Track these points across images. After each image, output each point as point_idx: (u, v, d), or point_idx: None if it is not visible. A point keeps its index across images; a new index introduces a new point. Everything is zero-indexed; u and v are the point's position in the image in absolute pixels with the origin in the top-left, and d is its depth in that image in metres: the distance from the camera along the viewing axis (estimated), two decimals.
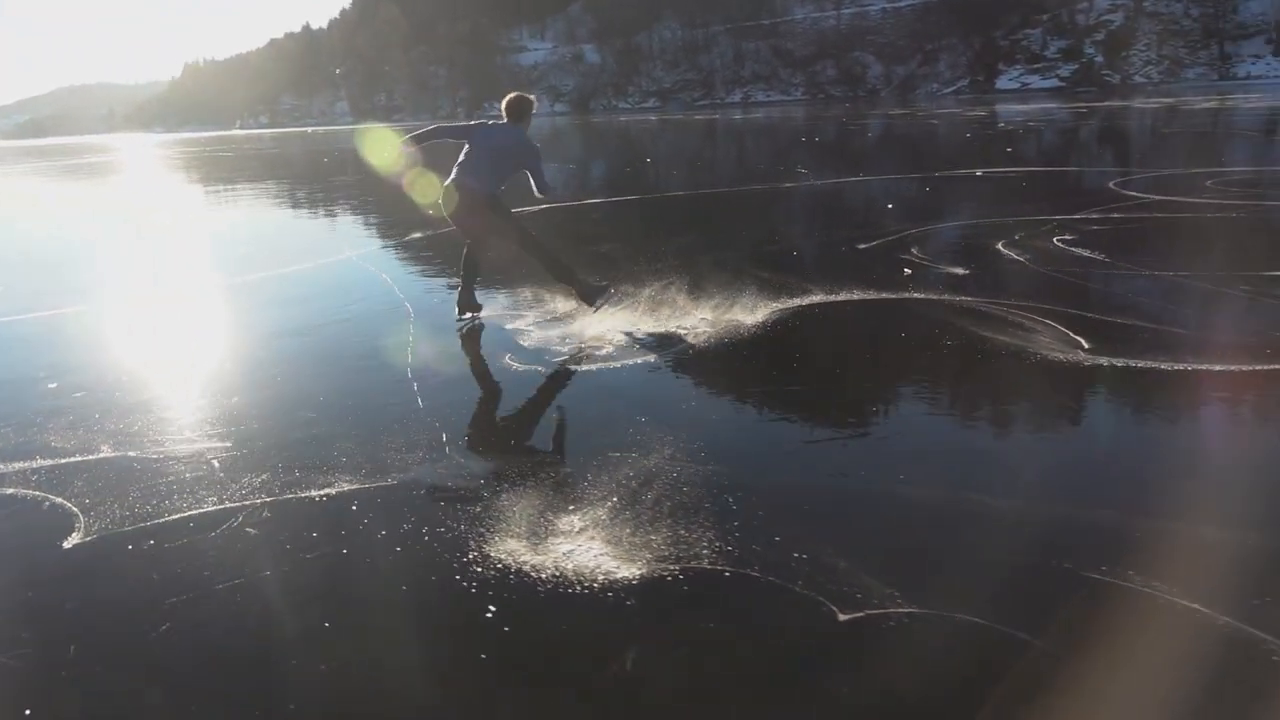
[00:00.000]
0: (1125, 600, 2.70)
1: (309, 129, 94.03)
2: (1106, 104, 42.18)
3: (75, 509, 3.70)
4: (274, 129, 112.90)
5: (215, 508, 3.65)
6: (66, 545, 3.40)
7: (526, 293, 7.16)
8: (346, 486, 3.78)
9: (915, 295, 6.58)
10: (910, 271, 7.39)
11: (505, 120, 6.41)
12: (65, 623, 2.91)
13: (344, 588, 3.05)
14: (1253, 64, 76.09)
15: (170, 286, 8.93)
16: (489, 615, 2.78)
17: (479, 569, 3.04)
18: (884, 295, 6.64)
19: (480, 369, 5.54)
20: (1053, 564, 2.92)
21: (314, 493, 3.74)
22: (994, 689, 2.34)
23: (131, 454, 4.28)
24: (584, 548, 3.13)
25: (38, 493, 3.88)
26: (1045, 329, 5.51)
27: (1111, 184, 12.41)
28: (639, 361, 5.35)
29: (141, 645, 2.76)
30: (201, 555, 3.30)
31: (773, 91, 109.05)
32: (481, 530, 3.31)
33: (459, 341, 6.17)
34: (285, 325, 6.89)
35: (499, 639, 2.68)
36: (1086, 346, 5.13)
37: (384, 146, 6.50)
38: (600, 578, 2.93)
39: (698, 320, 6.18)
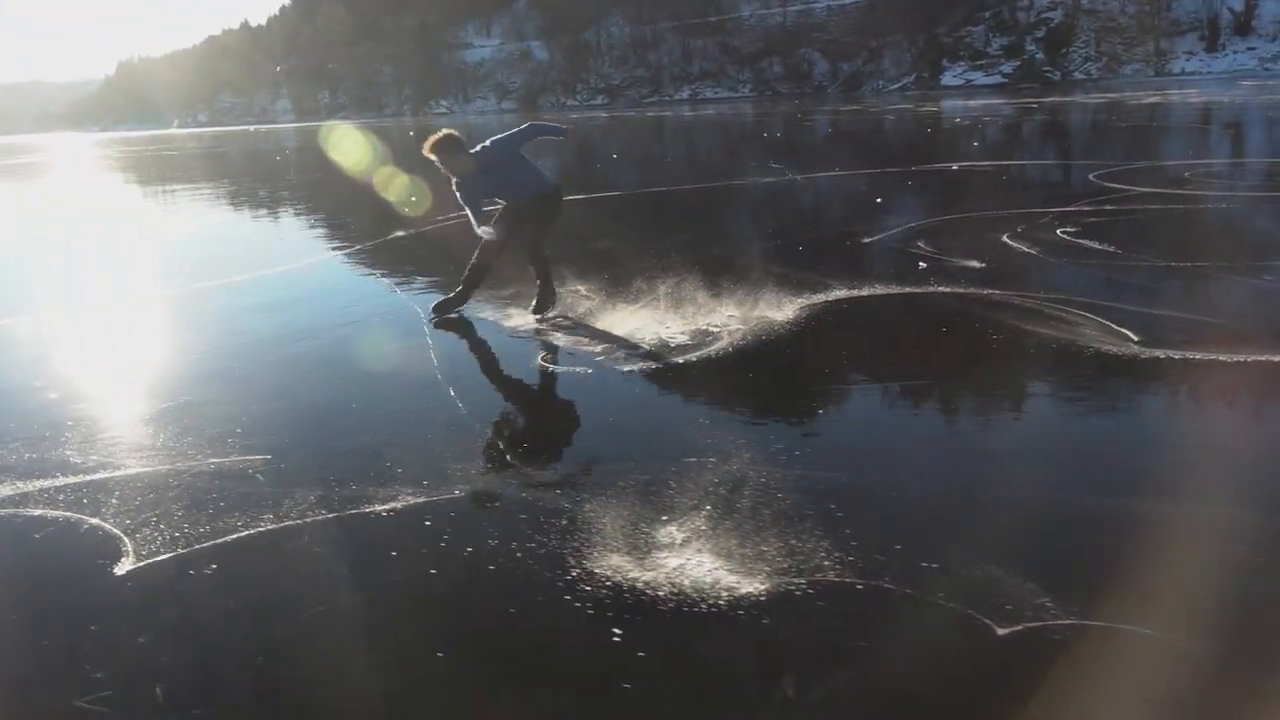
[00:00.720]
0: None
1: (251, 128, 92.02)
2: (1055, 100, 42.90)
3: (117, 530, 3.41)
4: (213, 128, 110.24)
5: (274, 526, 3.38)
6: (119, 571, 3.12)
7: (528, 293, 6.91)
8: (411, 499, 3.54)
9: (941, 289, 6.47)
10: (925, 265, 7.30)
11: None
12: (142, 659, 2.64)
13: (446, 613, 2.82)
14: (1187, 60, 78.06)
15: (155, 289, 8.50)
16: (616, 639, 2.58)
17: (588, 588, 2.83)
18: (909, 289, 6.53)
19: (516, 371, 5.30)
20: (1220, 568, 2.80)
21: (378, 507, 3.49)
22: (1187, 711, 2.21)
23: (162, 468, 3.99)
24: (695, 561, 2.94)
25: (70, 514, 3.58)
26: (1086, 322, 5.43)
27: (1091, 177, 12.48)
28: (681, 361, 5.15)
29: (239, 682, 2.51)
30: (273, 579, 3.05)
31: (721, 88, 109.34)
32: (577, 545, 3.09)
33: (482, 342, 5.92)
34: (287, 329, 6.58)
35: (637, 666, 2.47)
36: (1136, 339, 5.05)
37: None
38: (724, 594, 2.74)
39: (726, 318, 6.00)
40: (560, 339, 5.77)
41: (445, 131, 6.11)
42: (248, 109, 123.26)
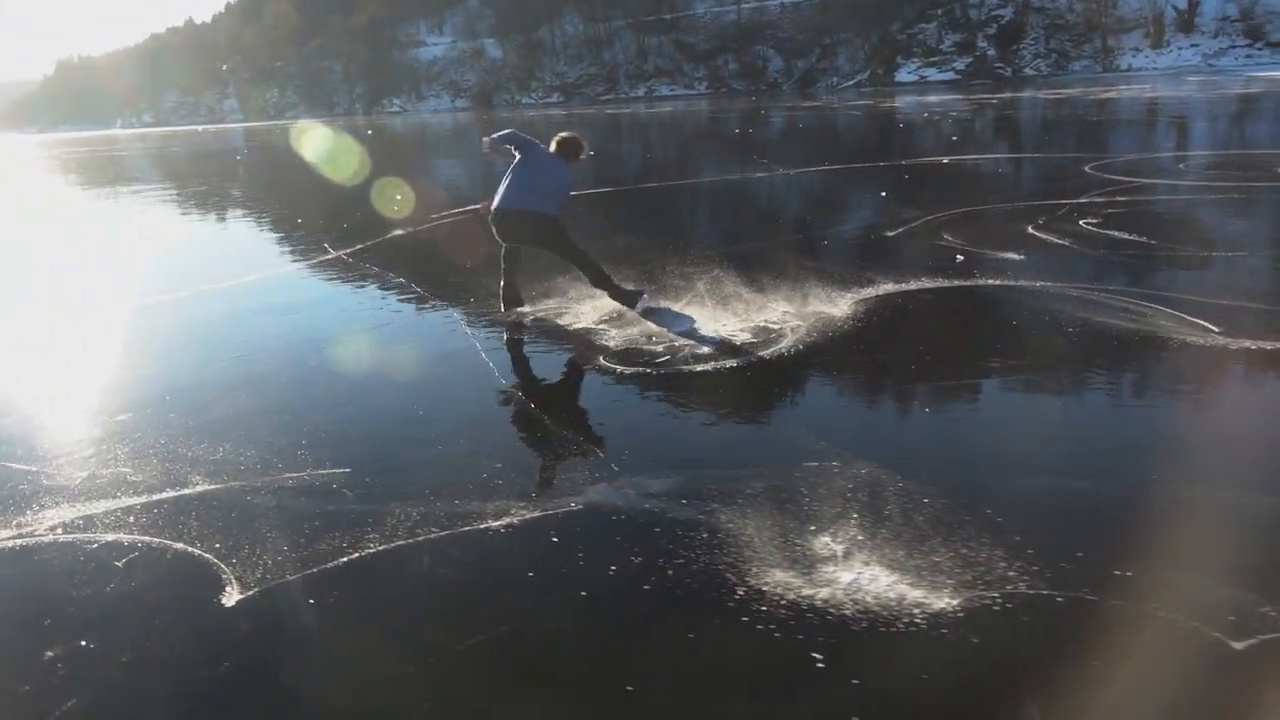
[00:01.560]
0: None
1: (199, 127, 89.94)
2: (1018, 95, 43.40)
3: (209, 556, 3.12)
4: (159, 128, 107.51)
5: (384, 547, 3.12)
6: (228, 603, 2.83)
7: (572, 290, 6.66)
8: (526, 514, 3.29)
9: (990, 282, 6.34)
10: (962, 258, 7.17)
11: (554, 152, 6.28)
12: (294, 707, 2.37)
13: (620, 639, 2.59)
14: (1133, 56, 79.54)
15: (154, 292, 8.08)
16: (819, 663, 2.37)
17: (764, 607, 2.61)
18: (958, 283, 6.39)
19: (581, 373, 5.04)
20: None
21: (492, 523, 3.24)
22: None
23: (234, 485, 3.69)
24: (868, 575, 2.74)
25: (148, 538, 3.28)
26: (1154, 313, 5.32)
27: (1088, 169, 12.51)
28: (754, 359, 4.94)
29: None
30: (410, 607, 2.79)
31: (676, 86, 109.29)
32: (731, 560, 2.87)
33: (533, 344, 5.66)
34: (317, 333, 6.25)
35: (850, 695, 2.26)
36: (1216, 330, 4.95)
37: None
38: (915, 610, 2.55)
39: (781, 314, 5.80)
40: (613, 339, 5.53)
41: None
42: (194, 109, 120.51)
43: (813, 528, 3.05)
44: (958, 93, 55.41)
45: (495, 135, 6.16)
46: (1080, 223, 8.36)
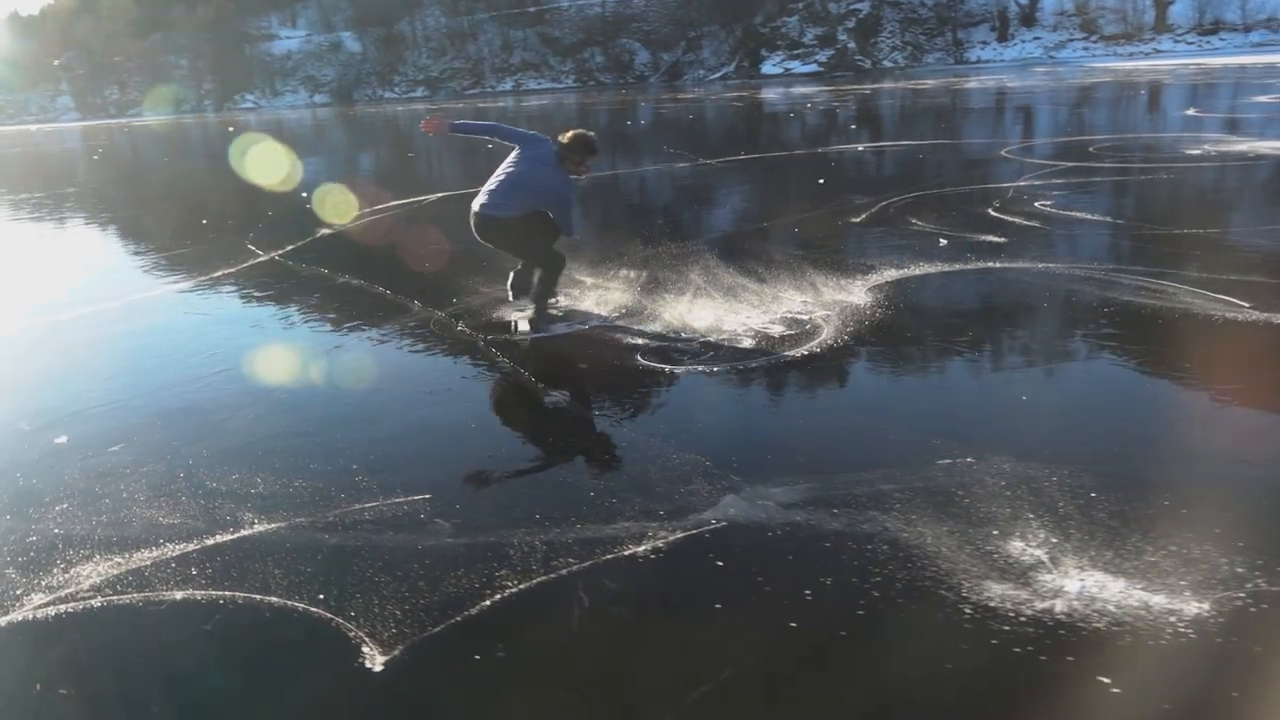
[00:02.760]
0: None
1: (34, 126, 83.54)
2: (888, 86, 44.73)
3: (318, 610, 2.66)
4: None
5: (526, 584, 2.73)
6: (374, 667, 2.40)
7: (565, 284, 6.27)
8: (668, 535, 2.96)
9: (991, 264, 6.31)
10: (945, 241, 7.13)
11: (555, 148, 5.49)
12: None
13: (855, 671, 2.29)
14: (981, 49, 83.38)
15: (72, 304, 7.21)
16: (1106, 684, 2.14)
17: (1005, 626, 2.37)
18: (959, 267, 6.32)
19: (630, 374, 4.65)
20: None
21: (636, 548, 2.89)
22: None
23: (300, 521, 3.21)
24: (1093, 582, 2.54)
25: (230, 593, 2.78)
26: (1176, 291, 5.37)
27: (1005, 153, 12.85)
28: (807, 353, 4.69)
29: None
30: (599, 654, 2.42)
31: (543, 79, 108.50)
32: (934, 575, 2.62)
33: (551, 344, 5.26)
34: (296, 343, 5.66)
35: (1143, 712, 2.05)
36: (1247, 305, 5.01)
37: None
38: (1173, 619, 2.35)
39: (801, 304, 5.60)
40: (638, 336, 5.19)
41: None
42: (24, 107, 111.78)
43: (995, 532, 2.83)
44: (826, 84, 56.85)
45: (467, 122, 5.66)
46: (1036, 204, 8.49)
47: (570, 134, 5.42)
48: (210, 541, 3.10)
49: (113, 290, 7.68)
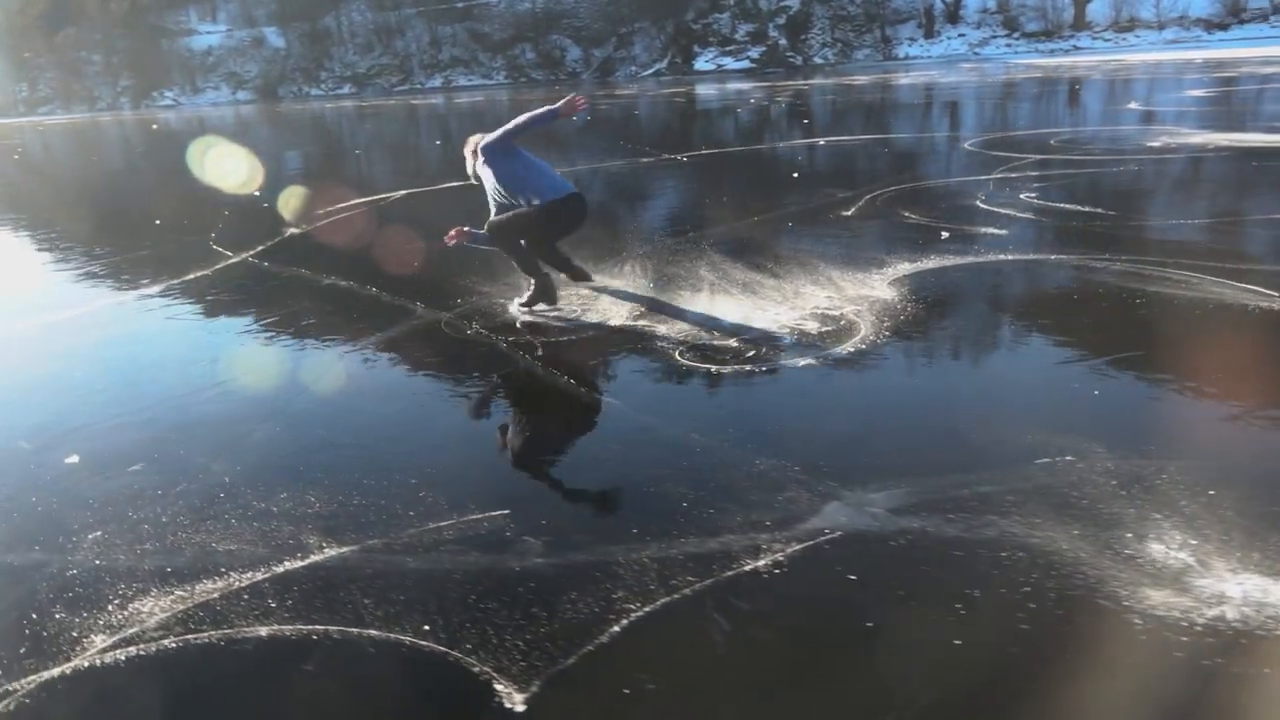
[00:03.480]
0: None
1: None
2: (824, 82, 45.13)
3: (429, 644, 2.43)
4: None
5: (648, 608, 2.55)
6: (516, 706, 2.19)
7: (582, 289, 6.06)
8: (785, 548, 2.79)
9: (1003, 257, 6.27)
10: (947, 234, 7.09)
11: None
12: None
13: (1051, 694, 2.15)
14: (909, 46, 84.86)
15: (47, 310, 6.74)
16: None
17: (1180, 635, 2.26)
18: (972, 260, 6.27)
19: (673, 375, 4.45)
20: None
21: (755, 563, 2.72)
22: None
23: (373, 543, 2.97)
24: (1257, 585, 2.44)
25: (322, 626, 2.53)
26: (1200, 281, 5.37)
27: (967, 146, 12.95)
28: (855, 351, 4.56)
29: None
30: (769, 680, 2.24)
31: (474, 76, 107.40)
32: (1082, 583, 2.50)
33: (573, 344, 5.04)
34: (296, 348, 5.34)
35: None
36: (1275, 294, 5.03)
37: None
38: None
39: (827, 300, 5.48)
40: (670, 336, 5.00)
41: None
42: None
43: (1128, 535, 2.72)
44: (763, 80, 57.23)
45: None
46: (1020, 196, 8.52)
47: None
48: (279, 569, 2.84)
49: (74, 297, 7.23)
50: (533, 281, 5.63)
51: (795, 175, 11.47)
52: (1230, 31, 62.94)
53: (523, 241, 5.50)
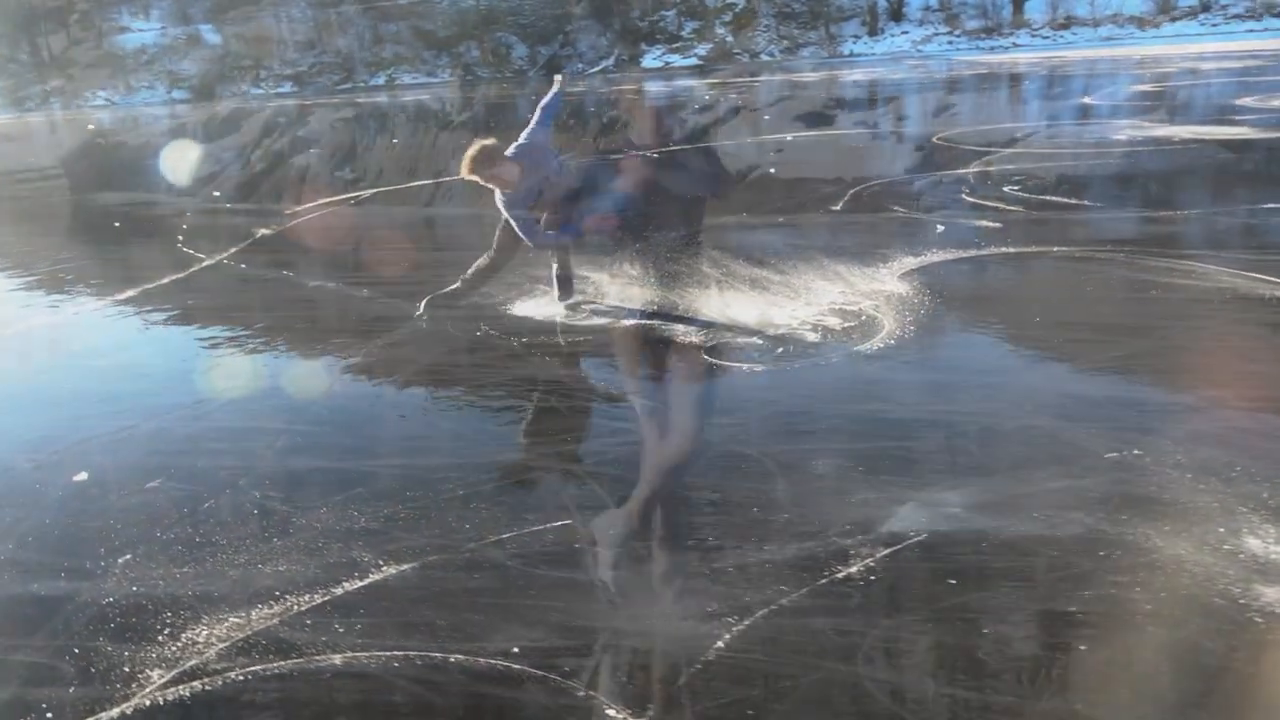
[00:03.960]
0: None
1: None
2: (775, 78, 45.32)
3: (520, 667, 2.29)
4: None
5: (748, 621, 2.44)
6: None
7: (584, 285, 5.91)
8: (871, 554, 2.70)
9: (1008, 250, 6.26)
10: (942, 228, 7.08)
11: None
12: None
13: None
14: (854, 43, 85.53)
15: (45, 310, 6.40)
16: None
17: None
18: (974, 253, 6.25)
19: (704, 374, 4.33)
20: None
21: (848, 570, 2.64)
22: None
23: (432, 559, 2.81)
24: None
25: (404, 653, 2.38)
26: (1207, 272, 5.40)
27: (937, 139, 13.02)
28: (877, 348, 4.48)
29: None
30: (879, 703, 2.14)
31: (418, 73, 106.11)
32: (1188, 583, 2.45)
33: (602, 346, 4.90)
34: (301, 355, 5.13)
35: None
36: None
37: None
38: None
39: (840, 295, 5.41)
40: (686, 333, 4.89)
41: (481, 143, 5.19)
42: None
43: (1221, 530, 2.67)
44: (712, 76, 57.34)
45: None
46: (1005, 189, 8.55)
47: None
48: (339, 591, 2.67)
49: (45, 302, 6.89)
50: (565, 275, 5.60)
51: (773, 170, 11.42)
52: (1162, 29, 64.58)
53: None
